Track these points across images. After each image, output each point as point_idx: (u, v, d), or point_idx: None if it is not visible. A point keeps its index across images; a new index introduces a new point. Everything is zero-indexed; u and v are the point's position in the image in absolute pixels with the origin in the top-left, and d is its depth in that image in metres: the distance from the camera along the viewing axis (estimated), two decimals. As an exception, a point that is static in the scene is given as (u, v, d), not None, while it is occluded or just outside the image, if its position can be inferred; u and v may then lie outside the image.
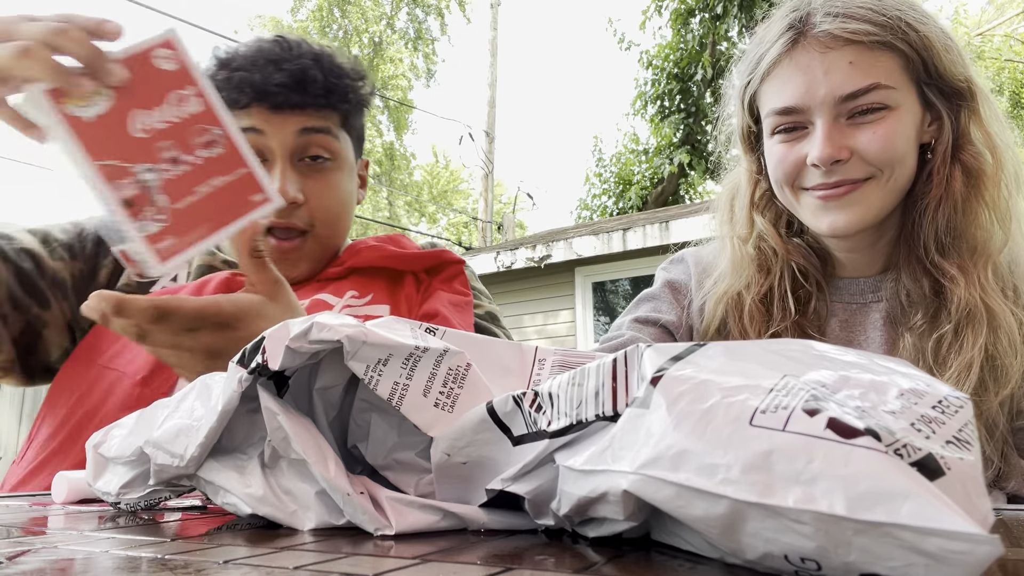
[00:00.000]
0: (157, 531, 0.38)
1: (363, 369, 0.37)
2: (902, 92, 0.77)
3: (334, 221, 0.95)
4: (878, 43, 0.76)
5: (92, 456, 0.48)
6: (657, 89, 10.71)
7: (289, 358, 0.37)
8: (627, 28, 33.57)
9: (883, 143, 0.76)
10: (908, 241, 0.83)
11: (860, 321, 0.87)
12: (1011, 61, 10.52)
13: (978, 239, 0.78)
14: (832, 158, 0.77)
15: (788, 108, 0.80)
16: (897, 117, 0.77)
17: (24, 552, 0.31)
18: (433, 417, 0.36)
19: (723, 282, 0.91)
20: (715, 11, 9.94)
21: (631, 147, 11.85)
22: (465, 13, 17.14)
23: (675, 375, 0.28)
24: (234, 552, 0.31)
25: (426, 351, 0.37)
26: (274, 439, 0.38)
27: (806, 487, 0.22)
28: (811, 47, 0.79)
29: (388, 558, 0.29)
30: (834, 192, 0.79)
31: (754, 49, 0.86)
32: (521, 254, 6.41)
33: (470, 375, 0.38)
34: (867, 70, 0.76)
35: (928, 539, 0.20)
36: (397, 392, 0.36)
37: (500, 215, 14.14)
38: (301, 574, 0.26)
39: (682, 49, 10.46)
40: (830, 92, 0.77)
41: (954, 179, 0.78)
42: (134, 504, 0.46)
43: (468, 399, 0.37)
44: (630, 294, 6.56)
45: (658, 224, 5.78)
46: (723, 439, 0.24)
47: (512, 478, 0.34)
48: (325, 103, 0.92)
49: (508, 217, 12.38)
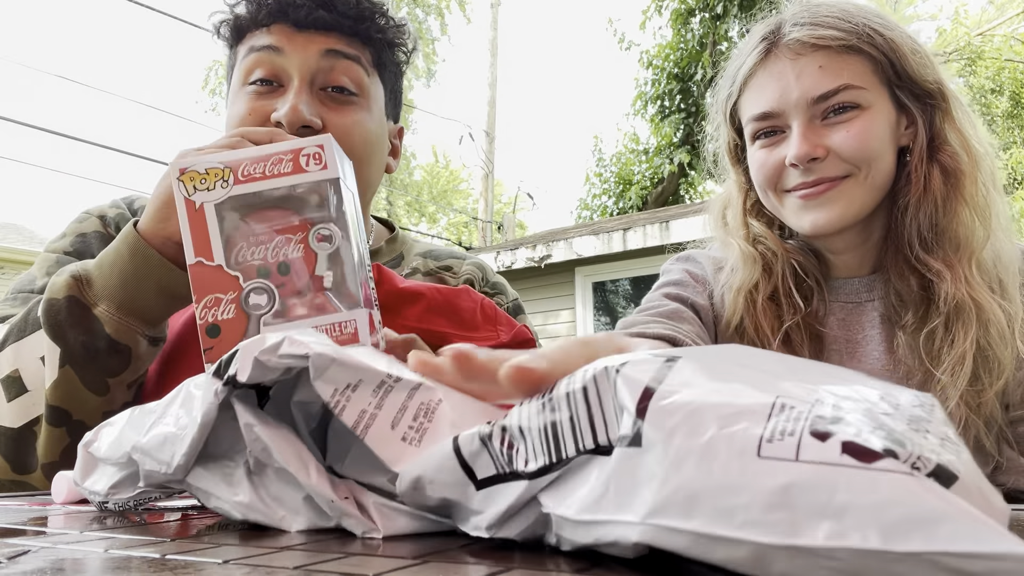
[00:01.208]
0: (157, 531, 0.38)
1: (330, 392, 0.35)
2: (873, 93, 0.82)
3: (359, 162, 0.80)
4: (845, 47, 0.81)
5: (82, 455, 0.47)
6: (657, 89, 10.71)
7: (259, 371, 0.36)
8: (627, 28, 33.57)
9: (856, 140, 0.80)
10: (894, 241, 0.86)
11: (858, 319, 0.90)
12: (1011, 61, 10.51)
13: (960, 236, 0.82)
14: (808, 156, 0.81)
15: (765, 113, 0.85)
16: (869, 116, 0.82)
17: (24, 552, 0.31)
18: (399, 451, 0.34)
19: (738, 273, 0.92)
20: (715, 11, 9.94)
21: (631, 147, 11.84)
22: (465, 13, 17.13)
23: (661, 405, 0.26)
24: (234, 552, 0.31)
25: (399, 381, 0.36)
26: (254, 450, 0.38)
27: (835, 521, 0.20)
28: (783, 55, 0.84)
29: (388, 558, 0.29)
30: (814, 191, 0.83)
31: (733, 63, 0.91)
32: (521, 254, 6.41)
33: (440, 409, 0.36)
34: (836, 72, 0.81)
35: (973, 562, 0.19)
36: (363, 421, 0.34)
37: (500, 215, 14.15)
38: (301, 574, 0.26)
39: (682, 49, 10.46)
40: (803, 95, 0.82)
41: (933, 179, 0.82)
42: (123, 504, 0.46)
43: (436, 434, 0.35)
44: (630, 294, 6.56)
45: (658, 224, 5.78)
46: (734, 476, 0.23)
47: (495, 524, 0.32)
48: (354, 28, 0.82)
49: (508, 217, 12.38)
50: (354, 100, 0.83)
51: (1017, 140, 10.19)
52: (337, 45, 0.81)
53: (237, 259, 0.56)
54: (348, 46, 0.82)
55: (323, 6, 0.80)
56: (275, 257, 0.56)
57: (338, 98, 0.82)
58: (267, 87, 0.81)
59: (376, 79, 0.86)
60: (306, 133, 0.77)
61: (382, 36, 0.86)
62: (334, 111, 0.81)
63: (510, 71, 51.73)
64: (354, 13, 0.82)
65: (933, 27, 11.88)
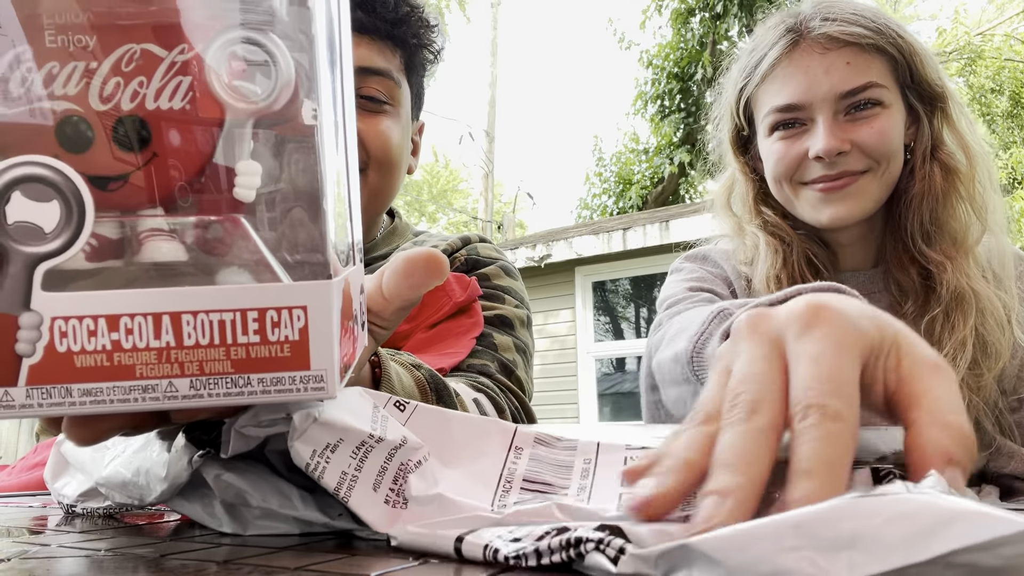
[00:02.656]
0: (156, 531, 0.38)
1: (309, 454, 0.32)
2: (892, 93, 0.85)
3: (389, 167, 0.83)
4: (872, 46, 0.84)
5: (54, 454, 0.46)
6: (657, 89, 10.70)
7: (241, 444, 0.34)
8: (627, 28, 33.56)
9: (880, 136, 0.84)
10: (894, 234, 0.90)
11: None
12: (1011, 61, 10.51)
13: (958, 231, 0.86)
14: (836, 150, 0.83)
15: (790, 105, 0.86)
16: (889, 114, 0.85)
17: (24, 552, 0.31)
18: (383, 514, 0.33)
19: (766, 261, 0.91)
20: (715, 11, 9.93)
21: (631, 147, 11.83)
22: (465, 13, 17.12)
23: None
24: (234, 552, 0.31)
25: (380, 441, 0.33)
26: (226, 497, 0.36)
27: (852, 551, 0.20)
28: (811, 49, 0.85)
29: (389, 558, 0.29)
30: (835, 184, 0.86)
31: (749, 55, 0.92)
32: (521, 253, 6.41)
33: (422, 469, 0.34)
34: (863, 70, 0.84)
35: (1000, 550, 0.19)
36: (345, 483, 0.32)
37: (500, 215, 14.14)
38: (301, 574, 0.26)
39: (682, 49, 10.45)
40: (831, 89, 0.84)
41: (934, 176, 0.86)
42: (92, 511, 0.44)
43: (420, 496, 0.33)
44: (630, 294, 6.56)
45: (658, 224, 5.78)
46: None
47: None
48: (390, 32, 0.82)
49: (508, 217, 12.37)
50: (385, 109, 0.83)
51: (1017, 140, 10.18)
52: (368, 60, 0.81)
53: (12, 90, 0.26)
54: (380, 54, 0.82)
55: (361, 6, 0.79)
56: (109, 100, 0.26)
57: (368, 106, 0.82)
58: None
59: (405, 84, 0.87)
60: None
61: (416, 40, 0.86)
62: (364, 120, 0.81)
63: (510, 71, 51.74)
64: (392, 17, 0.82)
65: (933, 27, 11.86)
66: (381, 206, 0.88)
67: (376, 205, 0.87)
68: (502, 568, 0.27)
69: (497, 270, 0.91)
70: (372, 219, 0.90)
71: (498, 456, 0.38)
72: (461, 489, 0.35)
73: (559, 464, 0.38)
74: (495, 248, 0.97)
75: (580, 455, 0.39)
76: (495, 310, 0.86)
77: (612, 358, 6.54)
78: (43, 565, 0.28)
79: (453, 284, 0.81)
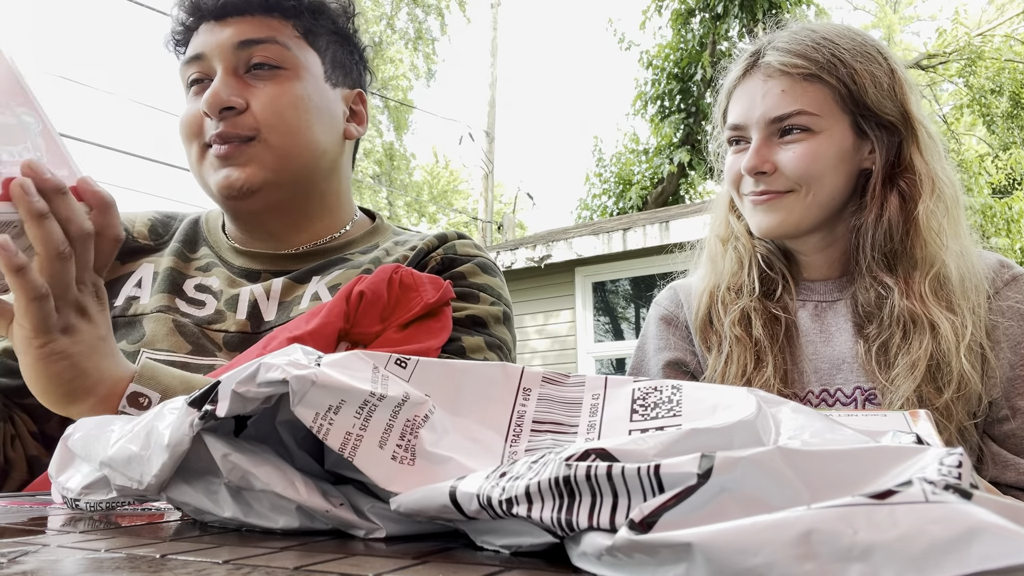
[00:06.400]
0: (156, 531, 0.38)
1: (311, 417, 0.33)
2: (828, 120, 0.91)
3: (286, 127, 0.85)
4: (809, 75, 0.90)
5: (61, 448, 0.46)
6: (657, 89, 10.70)
7: (238, 404, 0.34)
8: (627, 28, 33.57)
9: (799, 161, 0.90)
10: (855, 256, 0.96)
11: (831, 316, 0.99)
12: (1011, 61, 10.51)
13: (916, 256, 0.91)
14: (756, 168, 0.92)
15: (735, 124, 0.96)
16: (818, 140, 0.90)
17: (24, 552, 0.31)
18: (390, 471, 0.33)
19: (706, 279, 1.03)
20: (715, 11, 9.93)
21: (631, 147, 11.83)
22: (465, 13, 17.13)
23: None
24: (234, 552, 0.31)
25: (383, 399, 0.34)
26: (232, 479, 0.36)
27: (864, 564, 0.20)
28: (757, 75, 0.94)
29: (389, 558, 0.29)
30: (760, 199, 0.94)
31: (727, 74, 1.01)
32: (521, 254, 6.41)
33: (429, 423, 0.35)
34: (795, 98, 0.91)
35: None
36: (350, 443, 0.33)
37: (500, 215, 14.15)
38: (301, 574, 0.26)
39: (682, 49, 10.45)
40: (763, 114, 0.92)
41: (889, 202, 0.92)
42: (94, 506, 0.44)
43: (427, 452, 0.34)
44: (630, 294, 6.56)
45: (658, 224, 5.78)
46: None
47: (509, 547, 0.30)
48: (267, 6, 0.86)
49: (508, 217, 12.38)
50: (280, 72, 0.86)
51: (1017, 140, 10.19)
52: (249, 34, 0.85)
53: None
54: (261, 29, 0.85)
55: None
56: None
57: (261, 74, 0.85)
58: (200, 85, 0.87)
59: (307, 48, 0.89)
60: (229, 115, 0.82)
61: (298, 5, 0.88)
62: (256, 86, 0.84)
63: (510, 71, 51.72)
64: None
65: (933, 27, 11.86)
66: (296, 167, 0.87)
67: (288, 165, 0.86)
68: (503, 561, 0.27)
69: (473, 267, 0.91)
70: (296, 180, 0.88)
71: (506, 401, 0.39)
72: (472, 435, 0.35)
73: (568, 402, 0.39)
74: (473, 244, 0.96)
75: (588, 391, 0.39)
76: (466, 311, 0.85)
77: (612, 358, 6.54)
78: (43, 565, 0.28)
79: (426, 284, 0.80)
